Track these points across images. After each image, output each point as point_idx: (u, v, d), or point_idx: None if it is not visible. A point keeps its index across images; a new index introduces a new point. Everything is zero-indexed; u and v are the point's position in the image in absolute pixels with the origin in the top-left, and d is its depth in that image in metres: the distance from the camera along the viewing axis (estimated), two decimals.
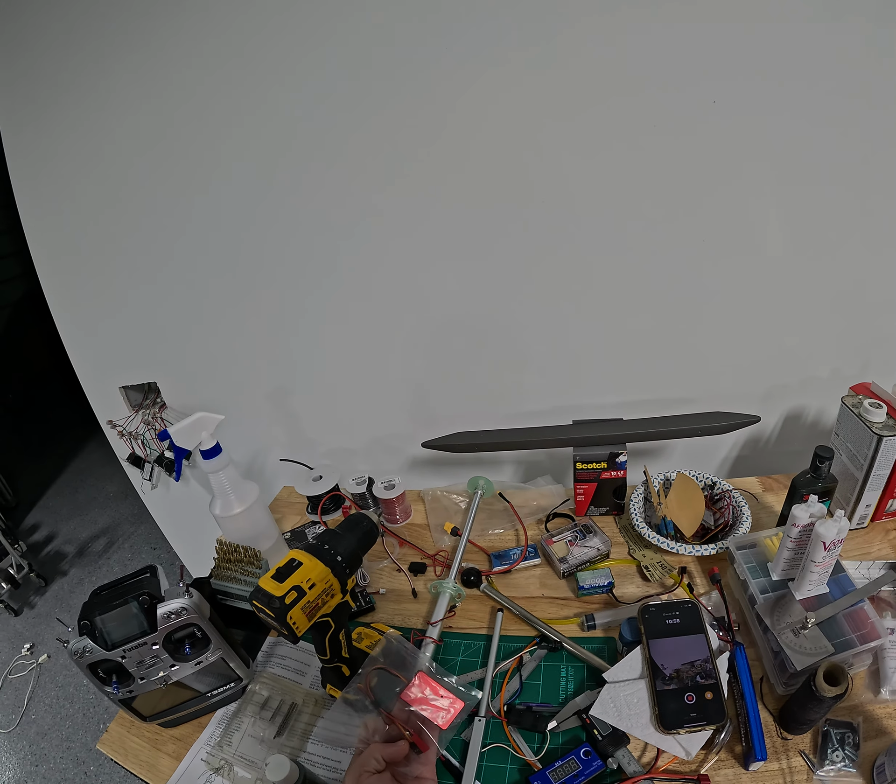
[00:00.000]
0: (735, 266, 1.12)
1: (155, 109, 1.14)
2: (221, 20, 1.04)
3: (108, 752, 0.90)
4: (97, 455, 3.40)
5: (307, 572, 0.70)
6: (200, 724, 0.90)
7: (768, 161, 1.02)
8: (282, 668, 0.96)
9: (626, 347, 1.24)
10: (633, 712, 0.77)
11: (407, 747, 0.70)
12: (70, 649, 0.76)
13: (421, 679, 0.79)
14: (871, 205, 1.04)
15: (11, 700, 2.09)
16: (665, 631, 0.83)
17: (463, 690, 0.80)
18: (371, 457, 1.52)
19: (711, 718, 0.74)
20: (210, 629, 0.81)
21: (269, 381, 1.46)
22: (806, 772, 0.73)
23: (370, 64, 1.03)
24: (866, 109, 0.95)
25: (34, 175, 1.26)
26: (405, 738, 0.71)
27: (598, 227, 1.11)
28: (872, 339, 1.18)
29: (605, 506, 1.17)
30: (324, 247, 1.23)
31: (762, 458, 1.37)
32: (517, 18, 0.96)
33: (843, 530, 0.75)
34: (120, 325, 1.44)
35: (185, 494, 1.70)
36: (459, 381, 1.36)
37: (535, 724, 0.81)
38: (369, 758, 0.67)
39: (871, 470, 0.96)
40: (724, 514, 1.07)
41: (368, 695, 0.79)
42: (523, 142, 1.06)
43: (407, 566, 1.12)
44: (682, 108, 0.99)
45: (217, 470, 0.99)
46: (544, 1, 0.94)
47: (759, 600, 0.85)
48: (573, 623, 0.96)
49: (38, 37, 1.12)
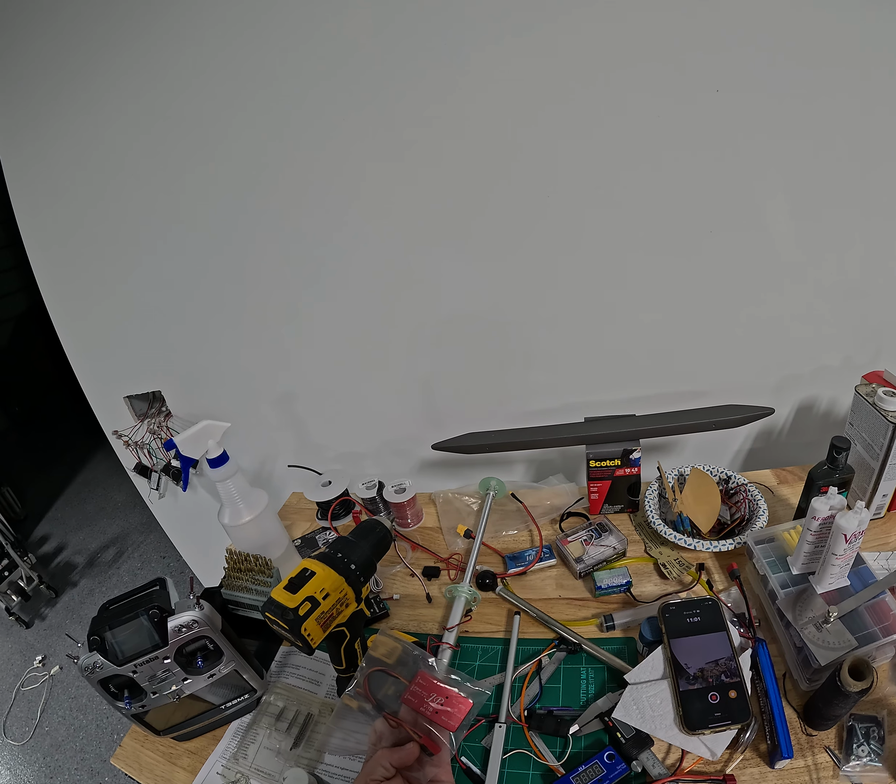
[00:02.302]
0: (744, 256, 1.11)
1: (157, 120, 1.14)
2: (219, 20, 1.04)
3: (123, 768, 0.89)
4: (104, 465, 3.41)
5: (321, 582, 0.69)
6: (215, 737, 0.89)
7: (777, 149, 1.01)
8: (296, 677, 0.95)
9: (635, 342, 1.23)
10: (657, 714, 0.76)
11: (417, 750, 0.67)
12: (80, 665, 0.75)
13: (422, 679, 0.75)
14: (882, 193, 1.02)
15: (24, 712, 2.10)
16: (686, 630, 0.81)
17: (471, 687, 0.75)
18: (380, 460, 1.51)
19: (736, 717, 0.73)
20: (222, 641, 0.80)
21: (275, 387, 1.45)
22: (832, 768, 0.72)
23: (371, 57, 1.02)
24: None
25: (32, 189, 1.26)
26: (414, 741, 0.68)
27: (605, 222, 1.10)
28: (884, 326, 1.17)
29: (619, 503, 1.16)
30: (328, 251, 1.22)
31: (775, 450, 1.36)
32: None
33: (864, 522, 0.74)
34: (123, 334, 1.44)
35: (193, 503, 1.69)
36: (467, 381, 1.35)
37: (557, 729, 0.80)
38: (376, 765, 0.64)
39: (887, 459, 0.94)
40: (740, 508, 1.06)
41: (370, 699, 0.76)
42: (525, 133, 1.04)
43: (420, 571, 1.11)
44: (687, 97, 0.98)
45: (225, 478, 0.98)
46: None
47: (780, 595, 0.83)
48: (592, 624, 0.95)
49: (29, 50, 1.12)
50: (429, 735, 0.69)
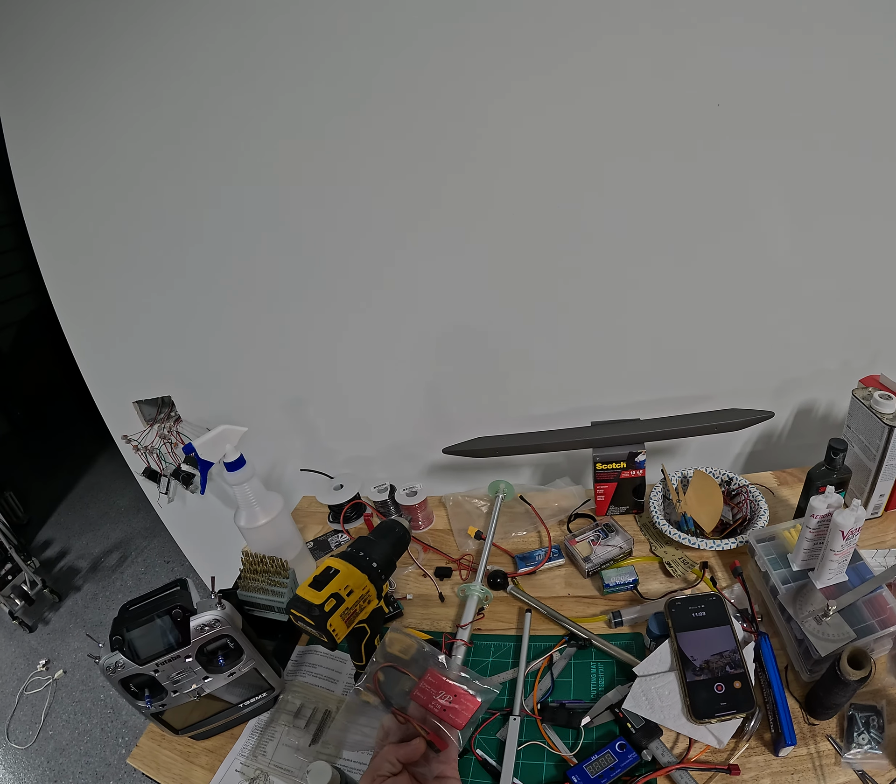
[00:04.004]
0: (742, 262, 1.13)
1: (167, 124, 1.15)
2: (229, 25, 1.05)
3: (140, 767, 0.89)
4: (107, 470, 3.40)
5: (345, 579, 0.71)
6: (233, 735, 0.90)
7: (772, 153, 1.02)
8: (313, 676, 0.97)
9: (638, 348, 1.25)
10: (665, 704, 0.78)
11: (423, 746, 0.67)
12: (102, 665, 0.76)
13: (432, 676, 0.76)
14: (878, 197, 1.04)
15: (28, 716, 2.09)
16: (692, 624, 0.84)
17: (480, 685, 0.76)
18: (390, 464, 1.53)
19: (741, 707, 0.75)
20: (243, 640, 0.81)
21: (285, 392, 1.46)
22: (834, 756, 0.74)
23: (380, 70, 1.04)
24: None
25: (40, 190, 1.27)
26: (420, 737, 0.68)
27: (605, 230, 1.13)
28: (881, 330, 1.19)
29: (625, 505, 1.18)
30: (334, 257, 1.24)
31: (775, 452, 1.38)
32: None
33: (860, 519, 0.76)
34: (132, 339, 1.45)
35: (201, 507, 1.71)
36: (474, 386, 1.37)
37: (569, 721, 0.82)
38: (382, 761, 0.65)
39: (883, 460, 0.97)
40: (741, 508, 1.09)
41: (379, 694, 0.77)
42: (519, 141, 1.07)
43: (433, 571, 1.13)
44: (686, 111, 1.00)
45: (242, 482, 1.00)
46: None
47: (781, 591, 0.86)
48: (600, 620, 0.97)
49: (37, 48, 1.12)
50: (436, 732, 0.69)
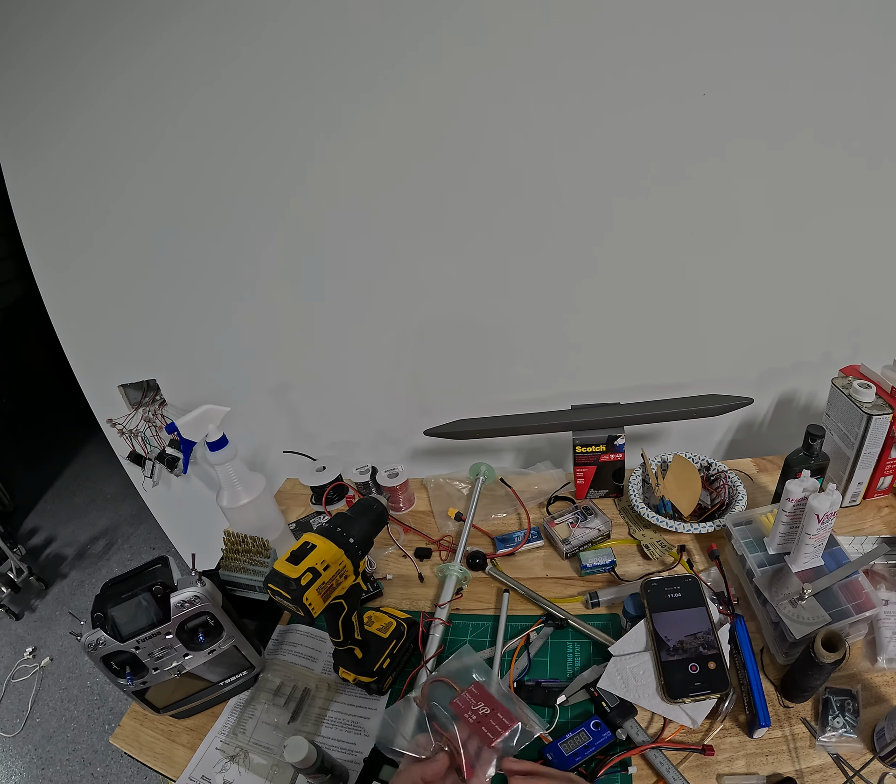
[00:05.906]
0: (726, 253, 1.14)
1: (157, 114, 1.15)
2: (224, 24, 1.05)
3: (122, 747, 0.90)
4: (94, 458, 3.39)
5: (321, 554, 0.71)
6: (214, 714, 0.91)
7: (756, 146, 1.03)
8: (293, 655, 0.97)
9: (621, 335, 1.26)
10: (640, 683, 0.79)
11: (447, 762, 0.68)
12: (83, 642, 0.76)
13: (476, 688, 0.78)
14: (861, 191, 1.06)
15: (15, 704, 2.08)
16: (667, 604, 0.85)
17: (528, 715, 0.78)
18: (373, 448, 1.53)
19: (715, 687, 0.76)
20: (223, 617, 0.82)
21: (270, 377, 1.47)
22: (808, 738, 0.75)
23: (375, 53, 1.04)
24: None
25: (29, 177, 1.26)
26: (444, 753, 0.70)
27: (589, 217, 1.13)
28: (862, 324, 1.21)
29: (604, 488, 1.19)
30: (321, 243, 1.24)
31: (756, 441, 1.39)
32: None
33: (836, 503, 0.77)
34: (118, 322, 1.44)
35: (185, 491, 1.71)
36: (457, 372, 1.38)
37: (545, 699, 0.83)
38: (407, 780, 0.66)
39: (861, 448, 0.98)
40: (720, 493, 1.10)
41: (424, 707, 0.78)
42: (510, 129, 1.07)
43: (413, 552, 1.14)
44: (673, 98, 1.01)
45: (224, 461, 1.00)
46: None
47: (756, 574, 0.87)
48: (578, 601, 0.98)
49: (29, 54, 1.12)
50: (470, 759, 0.70)
